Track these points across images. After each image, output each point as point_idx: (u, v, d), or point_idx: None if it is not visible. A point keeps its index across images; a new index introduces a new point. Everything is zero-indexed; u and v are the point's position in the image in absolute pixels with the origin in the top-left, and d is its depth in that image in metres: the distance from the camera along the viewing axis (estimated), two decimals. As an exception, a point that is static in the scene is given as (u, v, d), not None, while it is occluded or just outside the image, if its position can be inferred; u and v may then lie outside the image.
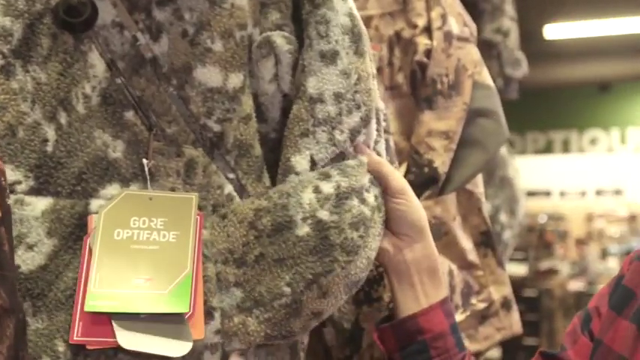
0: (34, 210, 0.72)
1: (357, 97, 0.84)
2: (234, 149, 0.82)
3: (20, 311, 0.72)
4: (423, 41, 1.24)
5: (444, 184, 1.20)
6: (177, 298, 0.72)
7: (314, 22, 0.84)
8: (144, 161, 0.77)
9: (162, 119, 0.80)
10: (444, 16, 1.24)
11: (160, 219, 0.76)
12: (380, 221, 0.85)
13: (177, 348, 0.71)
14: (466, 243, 1.26)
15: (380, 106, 0.96)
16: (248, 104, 0.84)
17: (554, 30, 6.50)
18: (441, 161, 1.19)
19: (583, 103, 9.08)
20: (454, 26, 1.25)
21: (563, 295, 6.51)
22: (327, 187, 0.80)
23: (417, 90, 1.24)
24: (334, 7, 0.84)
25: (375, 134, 0.89)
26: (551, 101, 8.99)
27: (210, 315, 0.75)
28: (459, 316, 1.20)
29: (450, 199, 1.23)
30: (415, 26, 1.26)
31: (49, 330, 0.70)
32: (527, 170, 8.56)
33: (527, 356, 1.00)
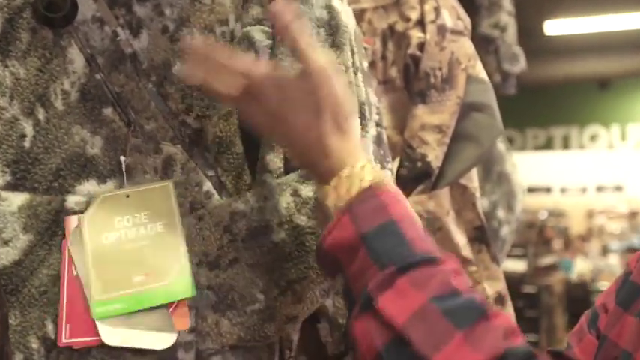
0: (10, 205, 0.72)
1: None
2: (213, 146, 0.81)
3: (4, 306, 0.71)
4: (416, 35, 1.23)
5: (437, 178, 1.20)
6: (180, 284, 0.72)
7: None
8: (121, 158, 0.76)
9: (140, 116, 0.79)
10: (437, 10, 1.23)
11: (143, 213, 0.75)
12: None
13: (161, 340, 0.70)
14: (460, 238, 1.25)
15: (372, 100, 0.95)
16: None
17: (554, 26, 6.48)
18: (434, 155, 1.18)
19: (583, 99, 9.06)
20: (448, 19, 1.24)
21: (562, 292, 6.51)
22: (307, 191, 0.78)
23: (410, 84, 1.23)
24: (308, 1, 0.82)
25: (359, 129, 0.86)
26: (552, 98, 8.98)
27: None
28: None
29: (444, 193, 1.22)
30: (408, 19, 1.25)
31: (22, 326, 0.70)
32: (528, 167, 8.56)
33: None
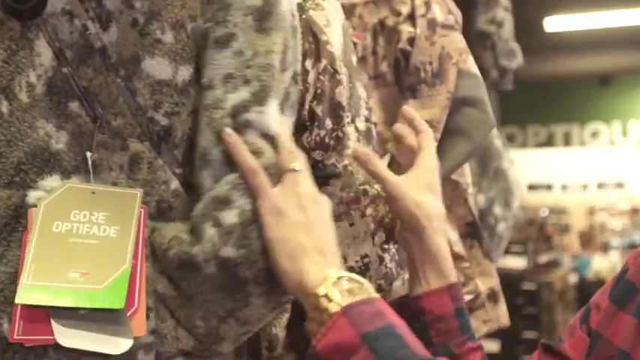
0: None
1: (248, 73, 0.77)
2: (182, 144, 0.79)
3: None
4: (406, 29, 1.22)
5: (428, 174, 1.18)
6: (114, 294, 0.70)
7: (214, 10, 0.80)
8: (87, 154, 0.75)
9: (108, 111, 0.77)
10: (427, 4, 1.22)
11: (102, 213, 0.74)
12: None
13: (116, 345, 0.69)
14: (452, 234, 1.24)
15: (360, 95, 0.94)
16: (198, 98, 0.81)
17: (554, 22, 6.47)
18: (425, 151, 1.17)
19: (584, 96, 9.04)
20: (438, 13, 1.23)
21: (563, 289, 6.49)
22: (230, 217, 0.74)
23: (401, 78, 1.22)
24: None
25: (290, 119, 0.83)
26: (553, 94, 8.96)
27: (147, 315, 0.73)
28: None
29: (435, 189, 1.21)
30: (399, 14, 1.24)
31: None
32: (529, 164, 8.56)
33: (526, 349, 1.00)
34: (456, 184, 1.26)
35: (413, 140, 0.98)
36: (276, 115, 0.79)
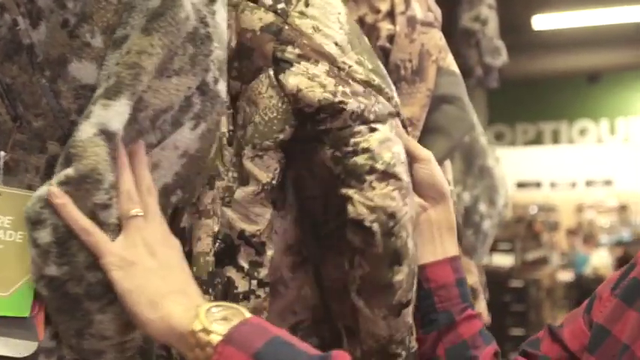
0: None
1: (114, 69, 0.73)
2: None
3: None
4: (385, 26, 1.21)
5: (407, 171, 1.18)
6: (19, 301, 0.68)
7: (122, 12, 0.76)
8: (1, 153, 0.72)
9: (29, 111, 0.74)
10: (407, 1, 1.21)
11: (8, 217, 0.71)
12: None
13: (22, 348, 0.68)
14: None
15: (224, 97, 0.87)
16: None
17: (542, 21, 6.49)
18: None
19: (572, 94, 9.08)
20: (418, 11, 1.22)
21: (551, 286, 6.52)
22: (43, 235, 0.70)
23: (381, 76, 1.22)
24: None
25: (193, 130, 0.79)
26: (541, 92, 9.00)
27: (48, 319, 0.72)
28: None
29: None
30: (378, 11, 1.23)
31: None
32: (518, 161, 8.60)
33: (513, 347, 1.01)
34: (436, 181, 1.26)
35: None
36: (124, 114, 0.72)
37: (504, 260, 5.62)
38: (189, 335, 0.68)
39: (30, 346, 0.68)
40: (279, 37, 0.88)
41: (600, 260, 7.46)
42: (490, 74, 2.50)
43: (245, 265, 0.89)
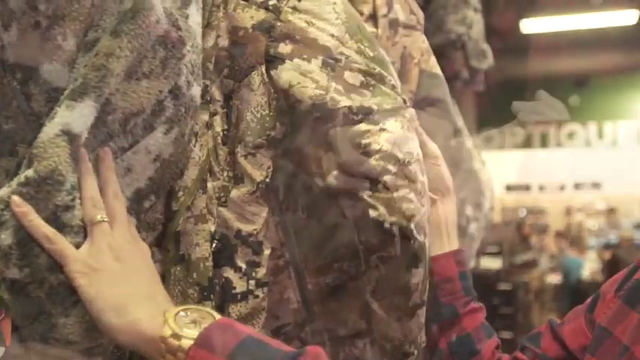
0: None
1: (81, 71, 0.73)
2: None
3: None
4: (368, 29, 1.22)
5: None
6: None
7: (94, 14, 0.75)
8: None
9: (0, 114, 0.73)
10: (389, 4, 1.21)
11: None
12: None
13: None
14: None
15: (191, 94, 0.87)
16: None
17: (531, 24, 6.51)
18: (387, 151, 1.17)
19: (560, 97, 9.08)
20: (400, 13, 1.23)
21: (540, 289, 6.54)
22: (4, 237, 0.69)
23: (363, 79, 1.21)
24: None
25: (166, 134, 0.78)
26: (530, 96, 9.02)
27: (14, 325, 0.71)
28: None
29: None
30: (361, 14, 1.22)
31: None
32: (507, 165, 8.62)
33: (502, 349, 1.02)
34: (419, 184, 1.26)
35: None
36: (88, 116, 0.72)
37: (493, 263, 5.63)
38: (159, 341, 0.67)
39: None
40: (271, 33, 0.88)
41: (590, 263, 7.49)
42: (476, 77, 2.50)
43: (242, 265, 0.88)
